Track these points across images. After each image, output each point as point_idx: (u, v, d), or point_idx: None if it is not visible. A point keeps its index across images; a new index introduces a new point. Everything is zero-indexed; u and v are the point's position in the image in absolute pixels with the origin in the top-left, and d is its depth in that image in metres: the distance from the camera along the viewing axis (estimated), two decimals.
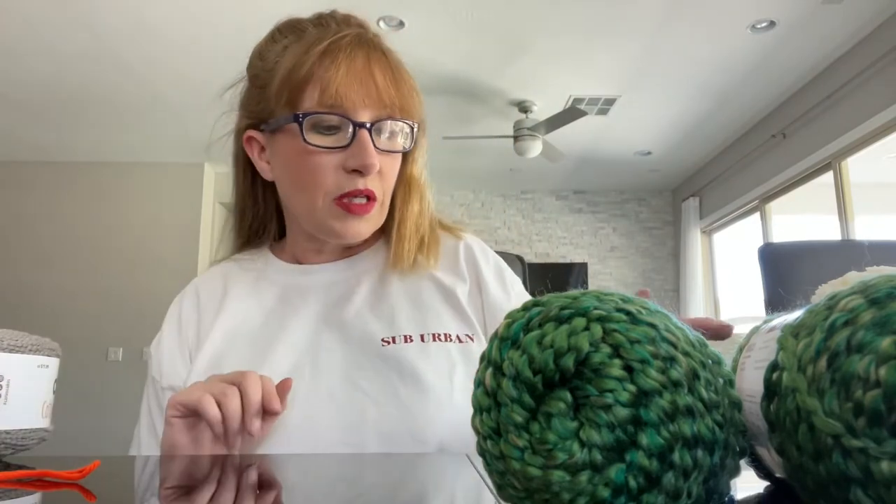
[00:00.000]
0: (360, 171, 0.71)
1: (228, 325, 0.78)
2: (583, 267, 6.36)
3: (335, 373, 0.72)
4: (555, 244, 6.45)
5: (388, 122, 0.73)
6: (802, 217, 4.95)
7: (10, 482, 0.41)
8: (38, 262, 5.40)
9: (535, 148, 4.46)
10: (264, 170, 0.79)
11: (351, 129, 0.70)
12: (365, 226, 0.74)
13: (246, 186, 0.84)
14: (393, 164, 0.76)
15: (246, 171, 0.83)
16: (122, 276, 5.35)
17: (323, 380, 0.71)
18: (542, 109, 4.44)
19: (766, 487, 0.35)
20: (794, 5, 3.21)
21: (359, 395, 0.70)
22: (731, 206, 5.27)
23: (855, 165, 3.90)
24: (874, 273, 0.24)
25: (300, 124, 0.70)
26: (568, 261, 6.38)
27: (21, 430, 0.54)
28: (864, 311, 0.21)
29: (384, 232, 0.84)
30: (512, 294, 0.82)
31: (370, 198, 0.72)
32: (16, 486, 0.41)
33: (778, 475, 0.32)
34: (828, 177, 4.04)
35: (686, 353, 0.28)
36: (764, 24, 3.38)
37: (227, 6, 3.23)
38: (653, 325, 0.28)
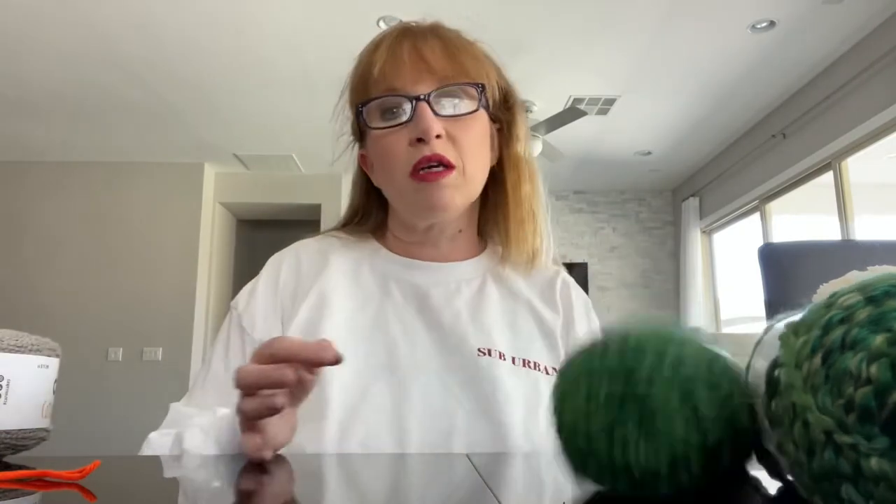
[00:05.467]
0: (423, 140, 0.71)
1: (326, 301, 0.76)
2: (583, 267, 6.36)
3: (429, 372, 0.72)
4: (555, 244, 6.43)
5: (447, 88, 0.73)
6: (802, 217, 4.95)
7: (10, 482, 0.41)
8: (38, 262, 5.40)
9: (535, 148, 4.46)
10: (373, 178, 0.81)
11: (409, 105, 0.72)
12: (446, 193, 0.72)
13: (362, 200, 0.87)
14: (466, 130, 0.74)
15: (363, 188, 0.86)
16: (122, 276, 5.35)
17: (417, 376, 0.71)
18: (542, 109, 4.44)
19: (779, 489, 0.35)
20: (794, 5, 3.21)
21: (451, 401, 0.70)
22: (731, 206, 5.27)
23: (855, 165, 3.90)
24: (876, 272, 0.25)
25: (361, 114, 0.75)
26: (568, 261, 6.37)
27: (21, 430, 0.54)
28: (861, 309, 0.21)
29: (491, 225, 0.85)
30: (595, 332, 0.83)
31: (444, 164, 0.71)
32: (16, 486, 0.41)
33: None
34: (828, 177, 4.04)
35: None
36: (764, 24, 3.38)
37: (227, 7, 3.23)
38: None
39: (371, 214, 0.86)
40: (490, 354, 0.73)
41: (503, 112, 0.82)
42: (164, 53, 3.70)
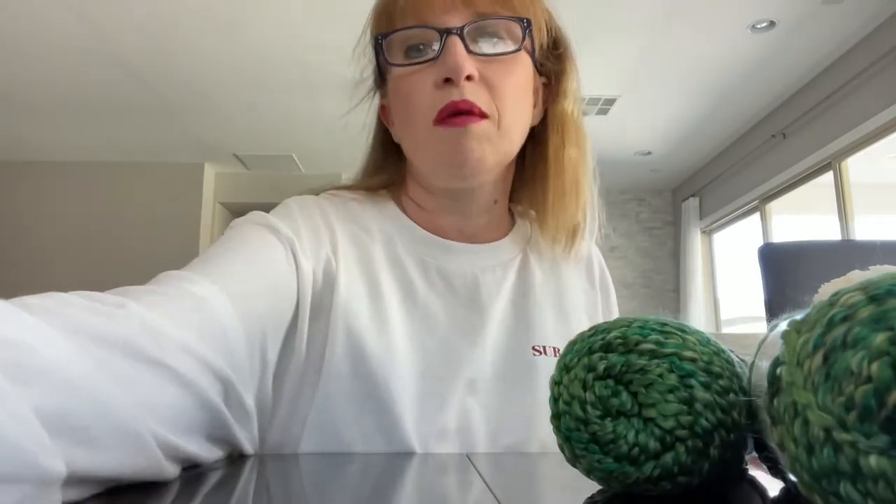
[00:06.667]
0: (451, 81, 0.59)
1: (375, 284, 0.64)
2: None
3: (487, 379, 0.64)
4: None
5: (485, 21, 0.61)
6: (802, 217, 4.95)
7: None
8: (38, 262, 5.40)
9: None
10: (393, 134, 0.69)
11: (438, 39, 0.60)
12: (476, 144, 0.60)
13: (377, 155, 0.74)
14: (505, 74, 0.62)
15: (380, 143, 0.74)
16: (122, 277, 5.32)
17: (476, 385, 0.64)
18: None
19: (781, 489, 0.35)
20: (794, 5, 3.22)
21: (516, 411, 0.63)
22: (731, 206, 5.27)
23: (855, 165, 3.90)
24: (878, 271, 0.25)
25: (381, 46, 0.63)
26: None
27: None
28: (863, 308, 0.21)
29: (526, 193, 0.73)
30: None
31: (474, 112, 0.59)
32: None
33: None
34: (828, 177, 4.04)
35: None
36: (764, 24, 3.38)
37: (227, 7, 3.23)
38: None
39: (385, 170, 0.74)
40: (545, 352, 0.67)
41: (551, 61, 0.70)
42: (165, 53, 3.71)
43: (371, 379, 0.59)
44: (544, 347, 0.67)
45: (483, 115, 0.60)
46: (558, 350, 0.67)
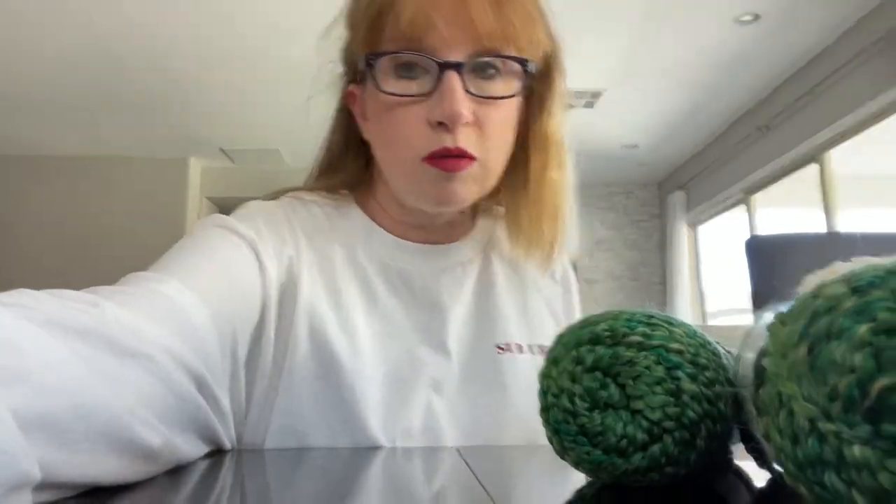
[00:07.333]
0: (445, 125, 0.57)
1: (337, 296, 0.63)
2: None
3: (453, 380, 0.65)
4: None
5: (486, 59, 0.58)
6: (787, 210, 4.99)
7: None
8: (21, 257, 5.33)
9: None
10: (363, 129, 0.67)
11: (436, 71, 0.57)
12: (462, 187, 0.60)
13: (340, 151, 0.73)
14: (498, 115, 0.61)
15: (343, 136, 0.73)
16: (107, 272, 5.23)
17: (441, 386, 0.64)
18: None
19: (767, 479, 0.36)
20: None
21: (485, 410, 0.64)
22: (716, 198, 5.30)
23: (839, 158, 3.93)
24: (860, 263, 0.25)
25: (371, 66, 0.59)
26: None
27: None
28: (846, 299, 0.21)
29: (503, 207, 0.72)
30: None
31: (465, 157, 0.59)
32: None
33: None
34: (812, 169, 4.07)
35: None
36: (748, 18, 3.40)
37: (216, 3, 3.21)
38: None
39: (346, 167, 0.72)
40: (511, 349, 0.68)
41: (538, 80, 0.66)
42: (150, 47, 3.66)
43: (335, 381, 0.59)
44: (508, 344, 0.68)
45: (472, 158, 0.59)
46: (522, 346, 0.68)
